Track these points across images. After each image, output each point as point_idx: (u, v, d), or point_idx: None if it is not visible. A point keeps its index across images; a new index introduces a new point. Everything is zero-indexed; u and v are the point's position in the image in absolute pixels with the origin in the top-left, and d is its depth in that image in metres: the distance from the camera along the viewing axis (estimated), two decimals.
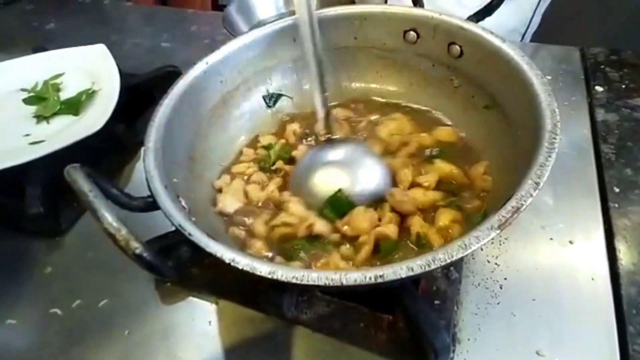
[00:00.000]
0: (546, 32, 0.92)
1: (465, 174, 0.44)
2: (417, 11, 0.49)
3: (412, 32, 0.49)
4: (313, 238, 0.41)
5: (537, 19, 0.87)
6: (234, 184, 0.47)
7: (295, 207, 0.43)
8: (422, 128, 0.50)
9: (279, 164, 0.49)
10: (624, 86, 0.61)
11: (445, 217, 0.40)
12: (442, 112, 0.50)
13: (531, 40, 0.88)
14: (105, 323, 0.43)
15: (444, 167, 0.44)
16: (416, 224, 0.40)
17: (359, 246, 0.39)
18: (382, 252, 0.39)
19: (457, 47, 0.46)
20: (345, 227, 0.40)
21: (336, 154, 0.46)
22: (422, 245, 0.39)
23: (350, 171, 0.43)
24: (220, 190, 0.47)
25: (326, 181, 0.43)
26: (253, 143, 0.52)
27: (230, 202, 0.45)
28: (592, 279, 0.42)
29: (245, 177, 0.48)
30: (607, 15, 1.20)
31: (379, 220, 0.41)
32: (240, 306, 0.43)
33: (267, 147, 0.50)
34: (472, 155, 0.46)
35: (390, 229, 0.39)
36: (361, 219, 0.40)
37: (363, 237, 0.40)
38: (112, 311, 0.44)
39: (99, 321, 0.44)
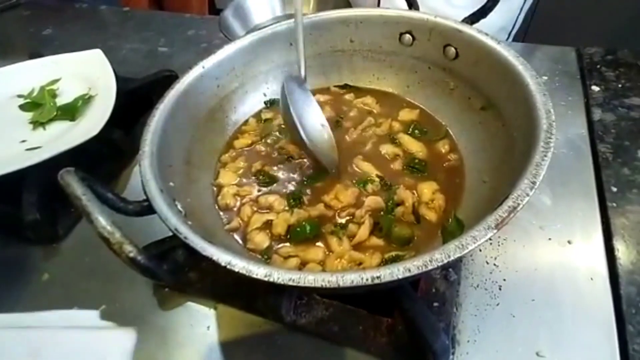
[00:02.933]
0: (541, 33, 0.93)
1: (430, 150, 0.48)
2: (413, 14, 0.49)
3: (407, 35, 0.49)
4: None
5: (521, 18, 0.88)
6: (238, 162, 0.49)
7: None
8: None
9: (283, 142, 0.51)
10: (620, 85, 0.62)
11: (427, 191, 0.44)
12: (438, 113, 0.50)
13: (526, 41, 0.89)
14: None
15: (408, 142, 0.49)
16: (408, 197, 0.43)
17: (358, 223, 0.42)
18: (383, 229, 0.41)
19: (453, 49, 0.46)
20: (333, 201, 0.44)
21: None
22: (420, 220, 0.42)
23: None
24: (224, 165, 0.49)
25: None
26: (257, 115, 0.55)
27: (228, 179, 0.48)
28: (591, 278, 0.42)
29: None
30: (602, 15, 1.21)
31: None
32: (239, 311, 0.43)
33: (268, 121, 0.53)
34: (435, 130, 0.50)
35: (375, 200, 0.43)
36: (345, 192, 0.44)
37: (359, 213, 0.42)
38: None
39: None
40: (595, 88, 0.62)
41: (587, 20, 1.19)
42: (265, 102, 0.55)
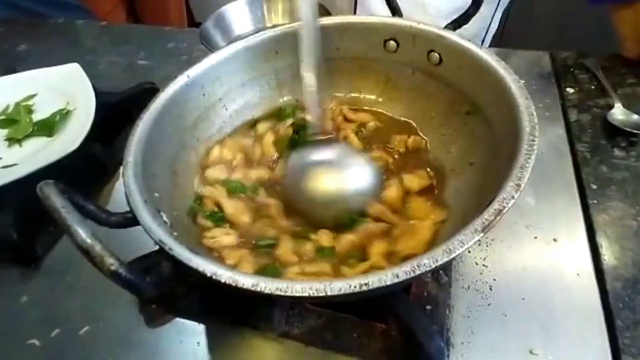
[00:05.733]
0: (513, 38, 0.96)
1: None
2: (397, 21, 0.50)
3: (392, 41, 0.50)
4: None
5: (494, 25, 0.91)
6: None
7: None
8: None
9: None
10: (593, 87, 0.64)
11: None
12: (424, 118, 0.51)
13: (496, 46, 0.92)
14: (87, 352, 0.41)
15: None
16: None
17: None
18: None
19: (437, 54, 0.47)
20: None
21: (328, 154, 0.45)
22: None
23: (345, 172, 0.44)
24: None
25: (321, 184, 0.43)
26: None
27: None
28: (578, 274, 0.43)
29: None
30: (573, 20, 1.26)
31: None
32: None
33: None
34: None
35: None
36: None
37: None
38: (94, 338, 0.42)
39: (80, 350, 0.42)
40: (570, 90, 0.64)
41: (559, 25, 1.24)
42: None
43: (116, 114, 0.63)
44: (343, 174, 0.44)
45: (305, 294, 0.27)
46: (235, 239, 0.41)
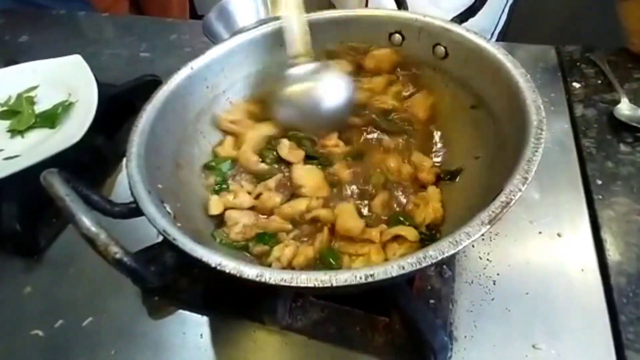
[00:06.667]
0: (517, 32, 0.95)
1: None
2: (402, 14, 0.49)
3: (397, 35, 0.49)
4: None
5: (504, 19, 0.91)
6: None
7: None
8: None
9: None
10: (599, 82, 0.63)
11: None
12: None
13: (503, 40, 0.91)
14: (90, 343, 0.42)
15: None
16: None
17: None
18: None
19: (442, 48, 0.47)
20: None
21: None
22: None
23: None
24: None
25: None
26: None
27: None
28: (582, 270, 0.43)
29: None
30: (578, 14, 1.25)
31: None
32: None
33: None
34: None
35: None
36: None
37: None
38: (98, 330, 0.42)
39: (83, 341, 0.42)
40: (575, 85, 0.63)
41: (564, 19, 1.23)
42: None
43: (118, 106, 0.63)
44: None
45: (310, 285, 0.27)
46: (295, 247, 0.41)
